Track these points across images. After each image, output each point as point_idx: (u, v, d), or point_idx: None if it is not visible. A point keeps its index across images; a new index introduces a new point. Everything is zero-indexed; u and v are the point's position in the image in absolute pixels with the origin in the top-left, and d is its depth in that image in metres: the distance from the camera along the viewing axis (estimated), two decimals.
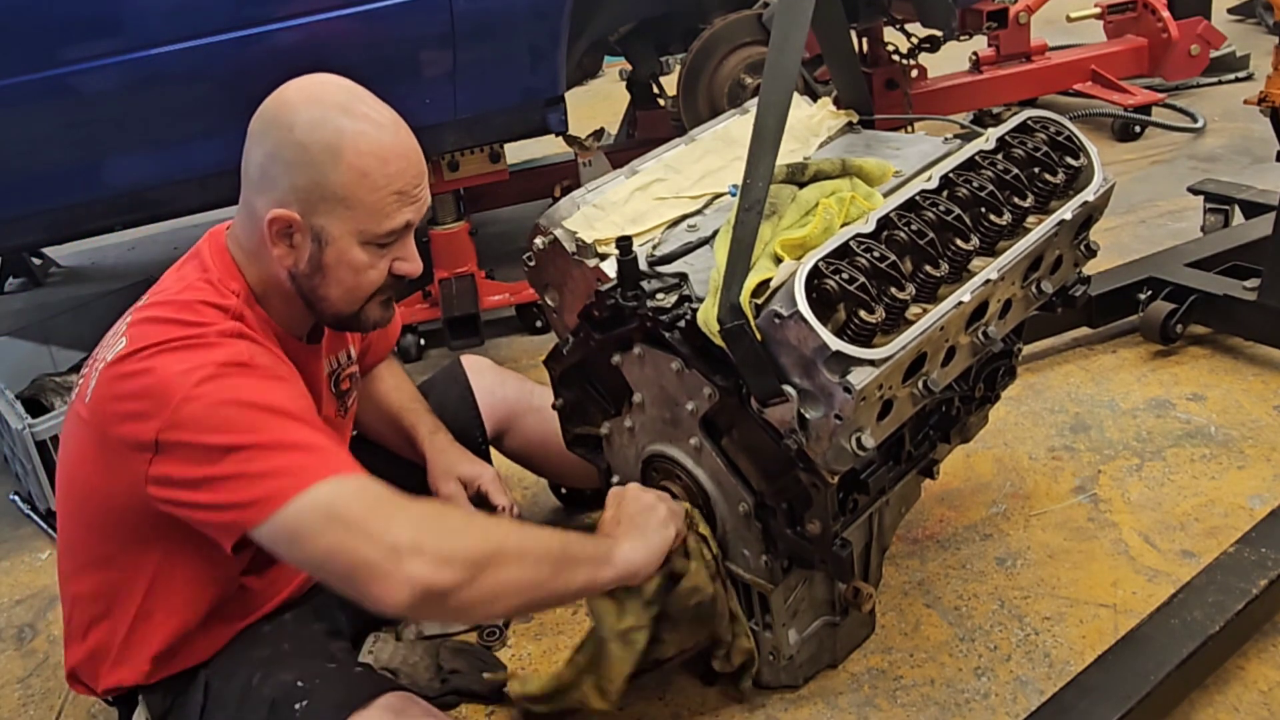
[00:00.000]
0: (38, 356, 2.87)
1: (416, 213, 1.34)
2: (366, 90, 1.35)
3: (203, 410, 1.20)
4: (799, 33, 1.28)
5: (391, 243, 1.35)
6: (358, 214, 1.29)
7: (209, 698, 1.38)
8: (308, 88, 1.32)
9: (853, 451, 1.25)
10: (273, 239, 1.31)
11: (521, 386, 1.91)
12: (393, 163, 1.29)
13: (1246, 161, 3.49)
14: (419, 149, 1.35)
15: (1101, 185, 1.49)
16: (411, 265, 1.38)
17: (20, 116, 2.31)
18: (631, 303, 1.40)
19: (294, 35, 2.38)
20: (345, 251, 1.32)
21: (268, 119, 1.30)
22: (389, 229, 1.32)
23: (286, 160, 1.28)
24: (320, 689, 1.30)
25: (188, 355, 1.23)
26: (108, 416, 1.26)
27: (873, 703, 1.58)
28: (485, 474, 1.74)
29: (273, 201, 1.30)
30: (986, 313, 1.39)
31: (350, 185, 1.28)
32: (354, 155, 1.27)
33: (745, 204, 1.25)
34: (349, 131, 1.28)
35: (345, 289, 1.35)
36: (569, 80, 2.75)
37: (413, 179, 1.32)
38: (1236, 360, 2.34)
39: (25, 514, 2.46)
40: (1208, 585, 1.54)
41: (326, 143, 1.27)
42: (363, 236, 1.32)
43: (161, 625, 1.39)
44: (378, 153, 1.28)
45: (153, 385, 1.22)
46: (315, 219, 1.30)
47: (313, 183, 1.28)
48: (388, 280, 1.38)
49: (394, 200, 1.30)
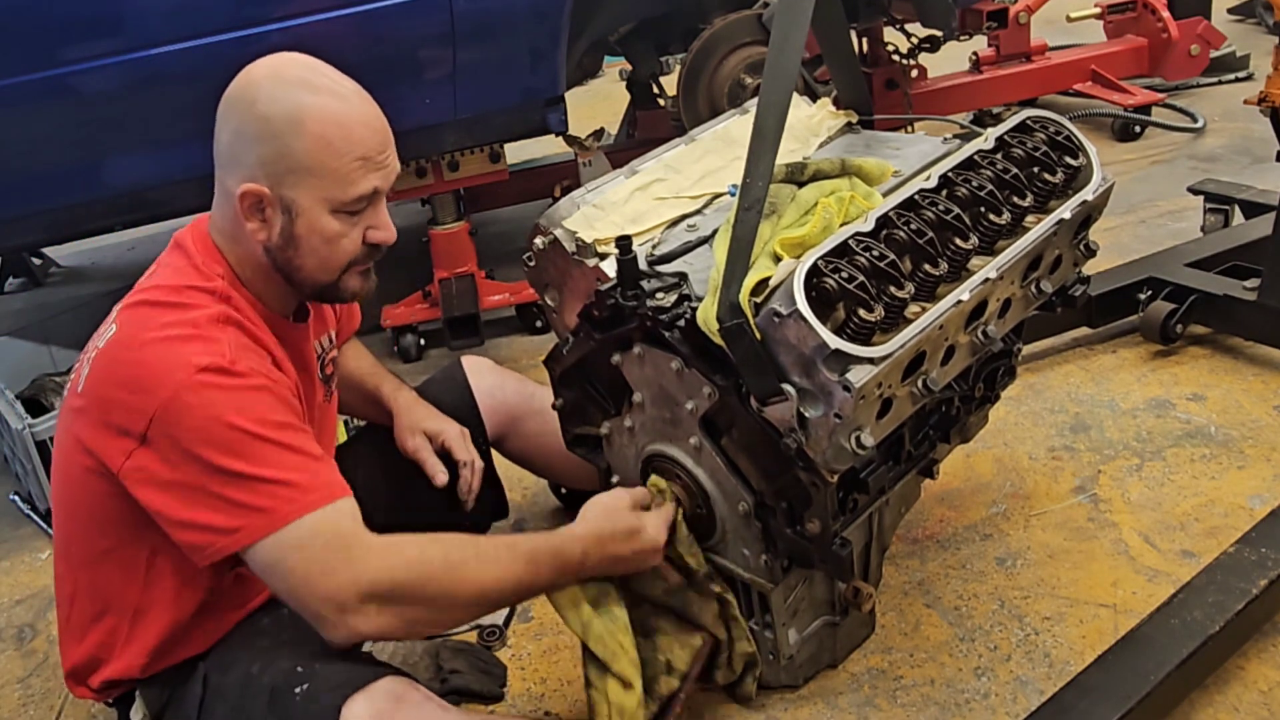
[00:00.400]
0: (38, 356, 2.88)
1: (384, 179, 1.35)
2: (329, 65, 1.36)
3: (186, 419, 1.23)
4: (799, 33, 1.28)
5: (362, 209, 1.35)
6: (324, 182, 1.30)
7: (208, 690, 1.38)
8: (269, 64, 1.34)
9: (852, 450, 1.25)
10: (245, 214, 1.32)
11: (522, 388, 1.91)
12: (355, 129, 1.31)
13: (1246, 161, 3.49)
14: (382, 118, 1.36)
15: (1100, 185, 1.49)
16: (384, 233, 1.38)
17: (20, 116, 2.31)
18: (631, 302, 1.40)
19: (294, 35, 2.38)
20: (316, 221, 1.33)
21: (232, 98, 1.33)
22: (356, 195, 1.32)
23: (251, 135, 1.30)
24: (320, 673, 1.31)
25: (177, 348, 1.25)
26: (99, 403, 1.29)
27: (873, 703, 1.58)
28: (450, 429, 1.75)
29: (242, 177, 1.31)
30: (985, 312, 1.39)
31: (314, 153, 1.29)
32: (316, 124, 1.29)
33: (745, 203, 1.25)
34: (310, 102, 1.29)
35: (319, 259, 1.36)
36: (569, 80, 2.75)
37: (377, 145, 1.33)
38: (1236, 360, 2.34)
39: (25, 514, 2.46)
40: (1208, 585, 1.54)
41: (288, 114, 1.29)
42: (331, 204, 1.32)
43: (158, 618, 1.39)
44: (339, 120, 1.30)
45: (142, 378, 1.24)
46: (284, 190, 1.31)
47: (278, 154, 1.29)
48: (363, 249, 1.38)
49: (359, 166, 1.31)
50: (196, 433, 1.22)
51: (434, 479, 1.71)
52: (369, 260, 1.41)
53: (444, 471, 1.72)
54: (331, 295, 1.42)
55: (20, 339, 3.24)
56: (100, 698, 1.49)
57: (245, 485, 1.23)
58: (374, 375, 1.81)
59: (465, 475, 1.74)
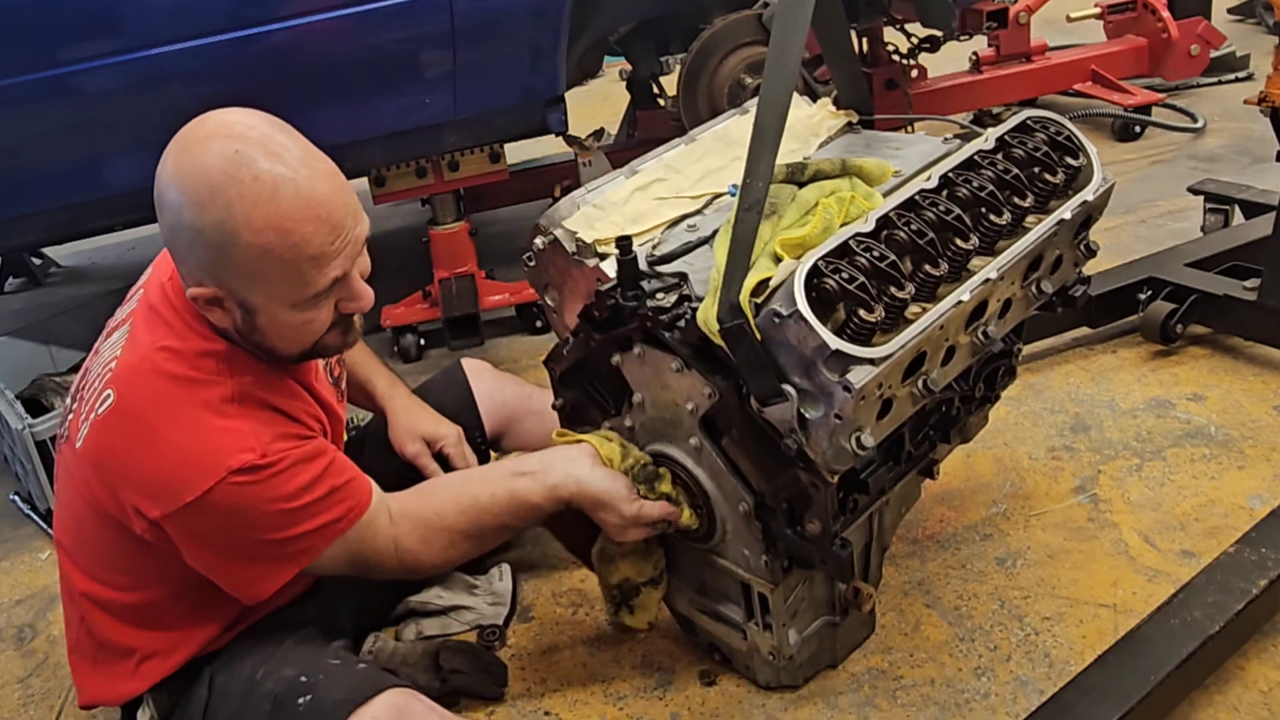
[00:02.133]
0: (38, 356, 2.87)
1: (344, 263, 1.24)
2: (264, 130, 1.21)
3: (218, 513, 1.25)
4: (799, 33, 1.28)
5: (327, 296, 1.26)
6: (274, 286, 1.22)
7: (213, 693, 1.38)
8: (192, 147, 1.20)
9: (852, 451, 1.25)
10: (203, 309, 1.27)
11: (520, 389, 1.92)
12: (295, 230, 1.18)
13: (1246, 161, 3.49)
14: (333, 193, 1.21)
15: (1101, 185, 1.49)
16: (359, 303, 1.30)
17: (20, 116, 2.31)
18: (631, 303, 1.40)
19: (294, 35, 2.38)
20: (277, 315, 1.25)
21: (161, 191, 1.22)
22: (313, 293, 1.24)
23: (187, 241, 1.21)
24: (323, 685, 1.31)
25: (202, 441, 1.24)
26: (110, 475, 1.29)
27: (873, 703, 1.58)
28: (449, 436, 1.77)
29: (191, 278, 1.25)
30: (986, 312, 1.39)
31: (256, 263, 1.19)
32: (249, 234, 1.17)
33: (745, 203, 1.25)
34: (238, 206, 1.16)
35: (289, 341, 1.31)
36: (569, 80, 2.75)
37: (325, 238, 1.20)
38: (1236, 360, 2.34)
39: (25, 514, 2.46)
40: (1208, 585, 1.54)
41: (218, 224, 1.17)
42: (289, 303, 1.24)
43: (174, 651, 1.41)
44: (274, 225, 1.17)
45: (165, 474, 1.24)
46: (236, 293, 1.23)
47: (218, 263, 1.20)
48: (336, 318, 1.31)
49: (310, 266, 1.21)
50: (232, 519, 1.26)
51: None
52: (346, 323, 1.34)
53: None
54: (311, 357, 1.37)
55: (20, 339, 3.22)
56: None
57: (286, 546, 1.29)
58: (364, 365, 1.80)
59: None
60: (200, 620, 1.41)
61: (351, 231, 1.24)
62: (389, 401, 1.78)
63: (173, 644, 1.41)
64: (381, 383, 1.79)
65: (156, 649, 1.41)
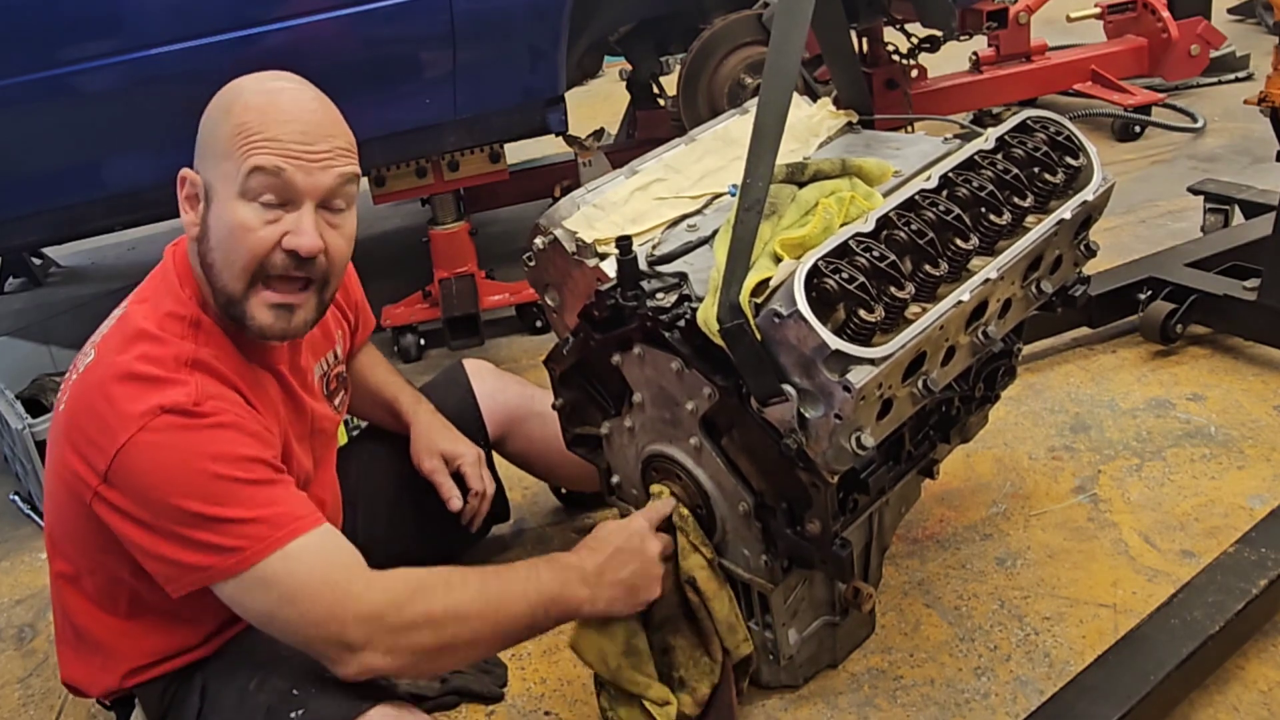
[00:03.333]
0: (38, 356, 2.88)
1: (298, 171, 1.26)
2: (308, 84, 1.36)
3: (146, 460, 1.21)
4: (799, 33, 1.28)
5: (275, 206, 1.27)
6: (233, 164, 1.26)
7: (205, 701, 1.37)
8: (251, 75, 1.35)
9: (852, 451, 1.25)
10: (183, 205, 1.33)
11: (523, 390, 1.92)
12: (272, 114, 1.28)
13: (1246, 161, 3.49)
14: (323, 119, 1.31)
15: (1101, 185, 1.49)
16: (301, 239, 1.27)
17: (20, 116, 2.31)
18: (631, 303, 1.40)
19: (294, 35, 2.38)
20: (224, 206, 1.27)
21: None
22: (250, 167, 1.25)
23: (200, 125, 1.33)
24: (316, 699, 1.29)
25: (138, 390, 1.23)
26: (72, 431, 1.28)
27: (873, 703, 1.58)
28: (467, 455, 1.76)
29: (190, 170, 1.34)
30: (986, 312, 1.39)
31: (230, 136, 1.28)
32: (240, 109, 1.28)
33: (745, 203, 1.25)
34: (245, 88, 1.31)
35: (224, 252, 1.28)
36: (569, 80, 2.75)
37: (295, 133, 1.27)
38: (1236, 360, 2.34)
39: (25, 514, 2.46)
40: (1208, 585, 1.54)
41: (224, 102, 1.31)
42: (238, 188, 1.26)
43: (151, 629, 1.39)
44: (261, 108, 1.28)
45: (105, 416, 1.23)
46: (206, 174, 1.31)
47: (206, 137, 1.31)
48: (280, 257, 1.28)
49: (264, 144, 1.26)
50: (157, 474, 1.21)
51: (448, 504, 1.73)
52: (283, 275, 1.29)
53: (459, 497, 1.74)
54: (239, 314, 1.32)
55: (20, 339, 3.24)
56: (98, 699, 1.49)
57: (211, 527, 1.21)
58: (391, 384, 1.81)
59: (474, 504, 1.76)
60: (172, 619, 1.38)
61: (323, 157, 1.29)
62: (413, 417, 1.78)
63: (145, 640, 1.39)
64: (406, 399, 1.80)
65: (129, 642, 1.39)
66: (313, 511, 1.27)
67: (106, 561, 1.34)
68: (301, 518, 1.25)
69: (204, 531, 1.21)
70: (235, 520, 1.21)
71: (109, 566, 1.35)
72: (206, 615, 1.39)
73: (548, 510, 2.14)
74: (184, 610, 1.36)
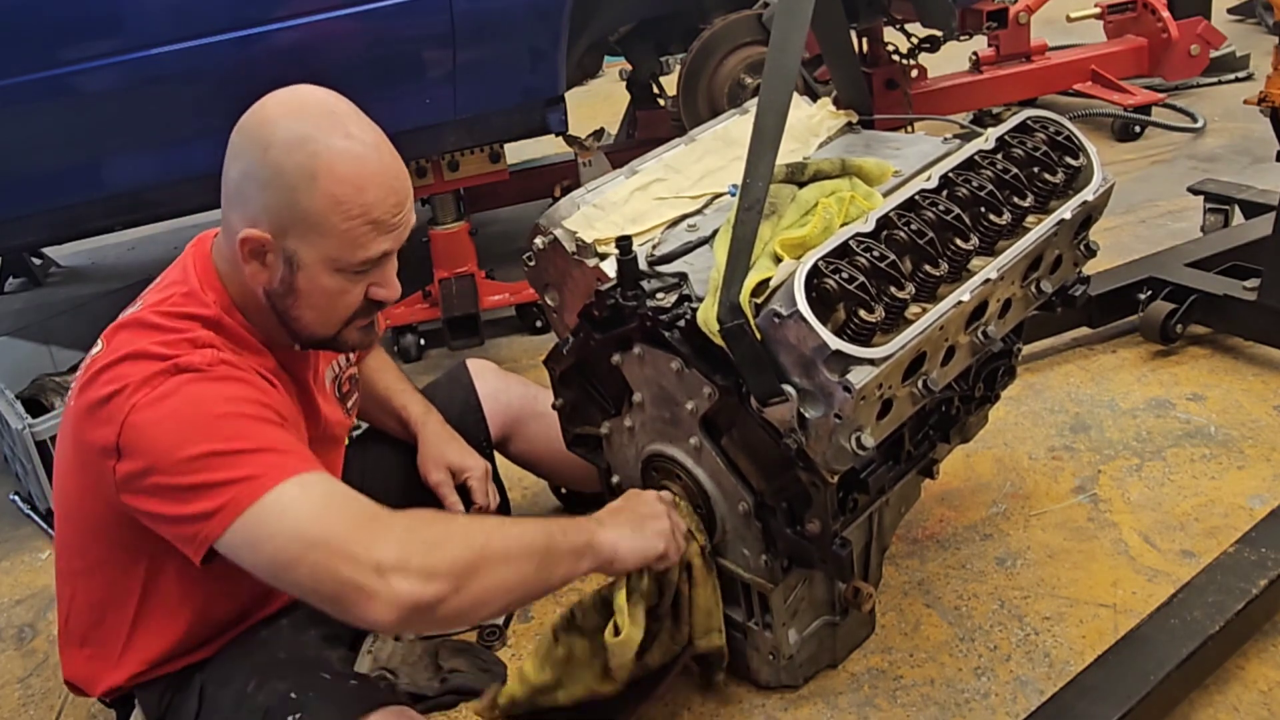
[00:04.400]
0: (38, 356, 2.87)
1: (395, 241, 1.30)
2: (351, 106, 1.30)
3: (154, 416, 1.19)
4: (799, 33, 1.28)
5: (367, 270, 1.30)
6: (330, 241, 1.25)
7: (203, 703, 1.37)
8: (288, 103, 1.27)
9: (852, 451, 1.25)
10: (245, 258, 1.28)
11: (526, 391, 1.91)
12: (369, 190, 1.24)
13: (1246, 161, 3.49)
14: (403, 174, 1.30)
15: (1101, 185, 1.49)
16: (389, 291, 1.34)
17: (20, 116, 2.31)
18: (631, 302, 1.40)
19: (294, 35, 2.37)
20: (317, 277, 1.28)
21: (245, 135, 1.27)
22: (363, 259, 1.27)
23: (261, 180, 1.24)
24: (314, 703, 1.29)
25: (149, 363, 1.23)
26: (81, 423, 1.27)
27: (873, 703, 1.58)
28: (475, 469, 1.75)
29: (246, 220, 1.26)
30: (986, 312, 1.39)
31: (323, 212, 1.23)
32: (329, 181, 1.23)
33: (745, 203, 1.25)
34: (325, 154, 1.23)
35: (318, 312, 1.32)
36: (569, 80, 2.75)
37: (391, 207, 1.27)
38: (1236, 360, 2.34)
39: (25, 514, 2.46)
40: (1208, 585, 1.54)
41: (301, 165, 1.23)
42: (335, 264, 1.27)
43: (156, 631, 1.39)
44: (354, 179, 1.24)
45: (114, 392, 1.22)
46: (287, 241, 1.26)
47: (285, 205, 1.24)
48: (364, 304, 1.34)
49: (368, 230, 1.26)
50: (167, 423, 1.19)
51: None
52: (370, 315, 1.37)
53: (463, 511, 1.72)
54: (329, 347, 1.39)
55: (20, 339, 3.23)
56: (99, 698, 1.49)
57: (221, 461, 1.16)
58: (401, 393, 1.80)
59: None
60: (179, 618, 1.38)
61: (408, 214, 1.32)
62: (421, 428, 1.77)
63: (151, 639, 1.39)
64: (416, 409, 1.79)
65: (135, 641, 1.39)
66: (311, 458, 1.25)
67: (116, 554, 1.35)
68: (309, 459, 1.23)
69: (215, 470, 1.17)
70: (245, 451, 1.18)
71: (118, 560, 1.35)
72: (213, 613, 1.39)
73: (548, 510, 2.14)
74: (191, 607, 1.37)
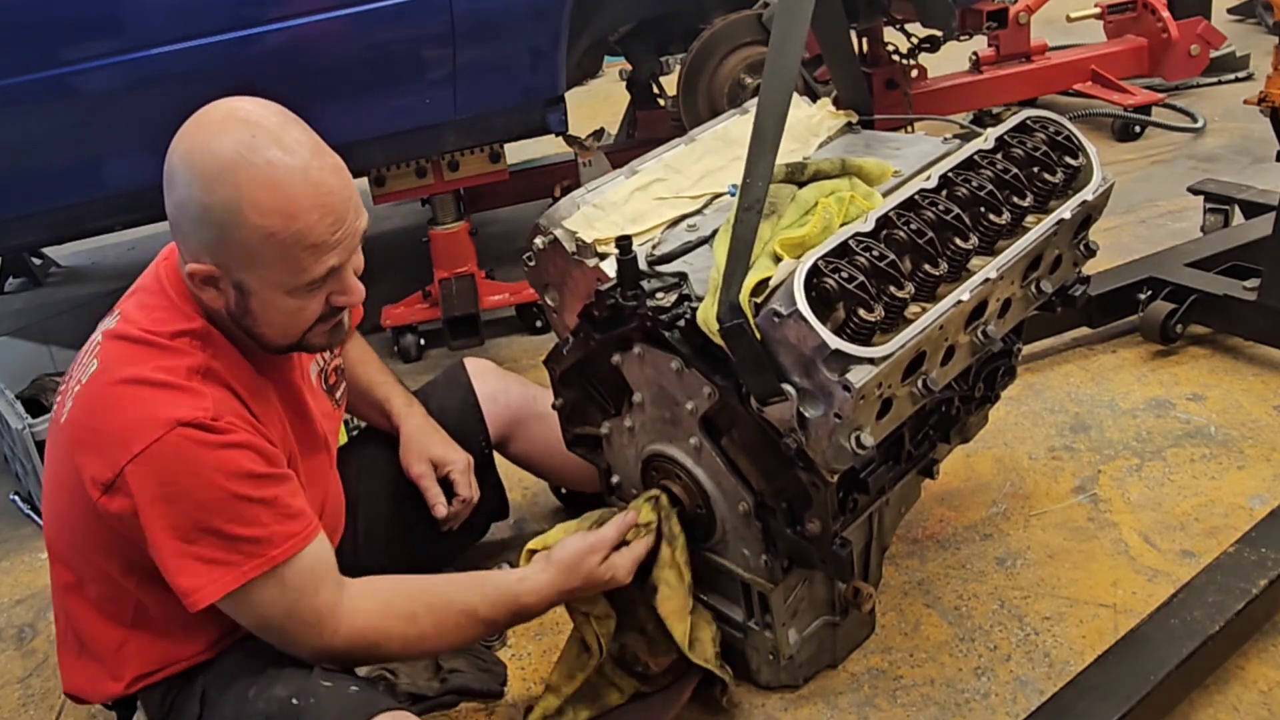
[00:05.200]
0: (38, 356, 2.88)
1: (341, 254, 1.26)
2: (283, 119, 1.25)
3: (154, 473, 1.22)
4: (799, 33, 1.28)
5: (320, 285, 1.28)
6: (272, 271, 1.24)
7: (205, 707, 1.37)
8: (209, 126, 1.23)
9: (852, 450, 1.25)
10: (197, 287, 1.28)
11: (525, 391, 1.90)
12: (299, 217, 1.21)
13: (1246, 161, 3.49)
14: (340, 188, 1.25)
15: (1100, 185, 1.49)
16: (349, 297, 1.32)
17: (20, 116, 2.31)
18: (631, 302, 1.40)
19: (294, 35, 2.38)
20: (270, 301, 1.27)
21: (172, 168, 1.25)
22: (309, 280, 1.26)
23: (192, 216, 1.23)
24: (314, 709, 1.29)
25: (154, 398, 1.23)
26: (79, 440, 1.28)
27: (873, 703, 1.58)
28: (457, 462, 1.75)
29: (189, 254, 1.26)
30: (985, 312, 1.39)
31: (257, 245, 1.21)
32: (255, 215, 1.19)
33: (745, 203, 1.25)
34: (247, 186, 1.19)
35: (278, 329, 1.31)
36: (569, 80, 2.75)
37: (328, 228, 1.23)
38: (1236, 360, 2.34)
39: (25, 514, 2.46)
40: (1208, 585, 1.54)
41: (225, 202, 1.20)
42: (284, 288, 1.26)
43: (154, 638, 1.39)
44: (281, 209, 1.20)
45: (115, 428, 1.23)
46: (233, 274, 1.25)
47: (219, 241, 1.22)
48: (326, 310, 1.32)
49: (308, 253, 1.23)
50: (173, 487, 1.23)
51: (433, 509, 1.72)
52: (334, 318, 1.34)
53: (444, 504, 1.73)
54: (297, 350, 1.38)
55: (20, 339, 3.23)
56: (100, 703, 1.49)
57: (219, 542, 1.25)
58: (383, 384, 1.80)
59: (456, 507, 1.75)
60: (176, 626, 1.38)
61: (352, 225, 1.27)
62: (404, 421, 1.77)
63: (149, 647, 1.39)
64: (399, 402, 1.79)
65: (133, 650, 1.39)
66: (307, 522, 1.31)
67: (108, 567, 1.35)
68: (294, 535, 1.29)
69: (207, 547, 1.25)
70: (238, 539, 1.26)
71: (110, 572, 1.35)
72: (209, 623, 1.39)
73: (548, 510, 2.14)
74: (187, 618, 1.36)
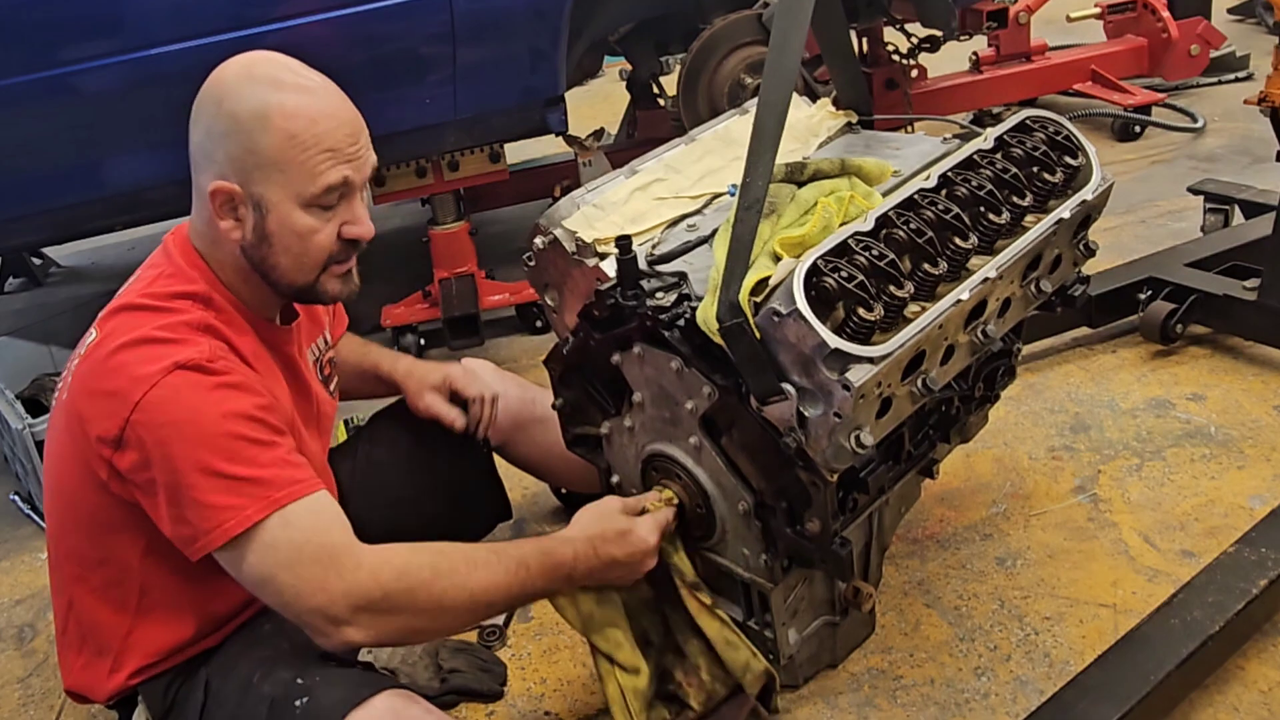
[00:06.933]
0: (38, 356, 2.88)
1: (355, 170, 1.34)
2: (298, 61, 1.36)
3: (160, 415, 1.23)
4: (799, 33, 1.28)
5: (334, 204, 1.34)
6: (291, 176, 1.30)
7: (209, 696, 1.38)
8: (238, 62, 1.34)
9: (852, 449, 1.25)
10: (218, 213, 1.33)
11: (524, 394, 1.88)
12: (321, 122, 1.30)
13: (1246, 161, 3.49)
14: (352, 111, 1.35)
15: (1100, 184, 1.49)
16: (360, 228, 1.37)
17: (20, 116, 2.31)
18: (631, 302, 1.40)
19: (294, 35, 2.38)
20: (287, 216, 1.32)
21: (202, 97, 1.33)
22: (324, 186, 1.31)
23: (220, 133, 1.30)
24: (320, 687, 1.31)
25: (152, 351, 1.26)
26: (80, 410, 1.29)
27: (873, 703, 1.58)
28: (454, 371, 1.79)
29: (213, 175, 1.31)
30: (985, 311, 1.39)
31: (280, 148, 1.29)
32: (280, 118, 1.29)
33: (744, 203, 1.25)
34: (275, 97, 1.30)
35: (294, 256, 1.35)
36: (569, 80, 2.75)
37: (345, 137, 1.32)
38: (1236, 360, 2.34)
39: (25, 514, 2.46)
40: (1208, 585, 1.54)
41: (254, 110, 1.29)
42: (301, 199, 1.31)
43: (158, 627, 1.38)
44: (304, 113, 1.30)
45: (118, 383, 1.25)
46: (253, 187, 1.31)
47: (245, 150, 1.29)
48: (339, 246, 1.37)
49: (326, 158, 1.31)
50: (173, 429, 1.23)
51: (452, 425, 1.74)
52: (347, 257, 1.39)
53: (461, 417, 1.76)
54: (311, 296, 1.41)
55: (20, 339, 3.24)
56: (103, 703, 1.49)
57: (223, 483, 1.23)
58: (368, 353, 1.83)
59: (475, 410, 1.77)
60: (182, 608, 1.39)
61: (365, 146, 1.36)
62: (395, 371, 1.80)
63: (154, 634, 1.39)
64: (386, 361, 1.82)
65: (138, 638, 1.39)
66: (311, 476, 1.30)
67: (116, 547, 1.35)
68: (299, 481, 1.28)
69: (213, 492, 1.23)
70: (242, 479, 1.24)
71: (118, 553, 1.35)
72: (214, 601, 1.40)
73: (548, 510, 2.14)
74: (193, 598, 1.37)
